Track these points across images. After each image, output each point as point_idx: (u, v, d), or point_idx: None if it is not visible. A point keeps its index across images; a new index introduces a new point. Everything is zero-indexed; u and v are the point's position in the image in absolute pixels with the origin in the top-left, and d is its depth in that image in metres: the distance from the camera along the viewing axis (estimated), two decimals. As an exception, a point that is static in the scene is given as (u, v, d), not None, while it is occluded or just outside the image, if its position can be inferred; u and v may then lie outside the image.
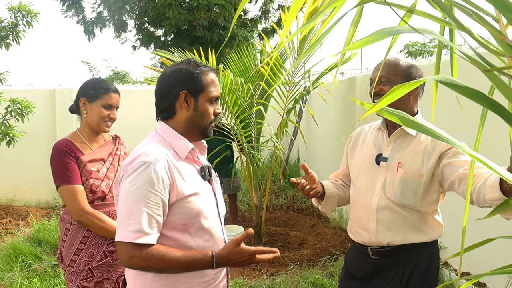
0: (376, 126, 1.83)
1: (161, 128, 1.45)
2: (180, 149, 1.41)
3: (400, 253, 1.69)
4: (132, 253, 1.27)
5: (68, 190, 1.88)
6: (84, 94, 2.02)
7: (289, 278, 3.54)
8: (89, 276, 1.92)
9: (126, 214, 1.28)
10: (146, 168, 1.29)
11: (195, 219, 1.37)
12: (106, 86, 2.03)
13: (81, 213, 1.88)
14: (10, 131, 4.79)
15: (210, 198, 1.46)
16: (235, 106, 4.15)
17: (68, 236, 1.96)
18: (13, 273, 3.65)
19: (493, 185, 1.33)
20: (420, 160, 1.65)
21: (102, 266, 1.94)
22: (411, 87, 0.84)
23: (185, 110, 1.42)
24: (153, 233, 1.29)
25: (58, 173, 1.91)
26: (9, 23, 4.74)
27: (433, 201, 1.68)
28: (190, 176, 1.40)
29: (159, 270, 1.32)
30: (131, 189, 1.29)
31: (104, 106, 2.00)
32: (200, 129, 1.45)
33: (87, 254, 1.93)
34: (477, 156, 0.74)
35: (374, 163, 1.75)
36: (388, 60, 1.71)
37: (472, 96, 0.74)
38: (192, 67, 1.42)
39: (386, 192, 1.69)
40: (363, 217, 1.76)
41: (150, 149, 1.35)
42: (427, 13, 0.83)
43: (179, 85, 1.40)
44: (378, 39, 0.81)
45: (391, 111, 0.85)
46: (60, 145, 1.95)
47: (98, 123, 2.01)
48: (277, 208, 5.97)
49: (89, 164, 1.95)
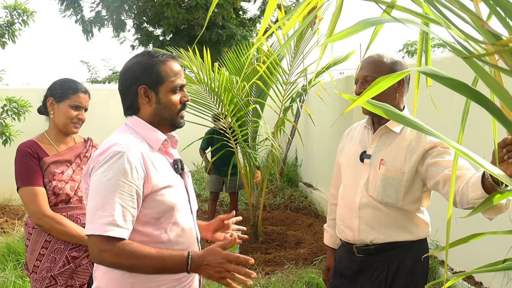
0: (363, 124, 1.81)
1: (131, 121, 1.40)
2: (152, 141, 1.36)
3: (385, 252, 1.67)
4: (103, 247, 1.19)
5: (28, 192, 1.82)
6: (52, 94, 1.95)
7: (284, 278, 3.52)
8: (53, 283, 1.84)
9: (98, 206, 1.21)
10: (119, 158, 1.23)
11: (168, 213, 1.32)
12: (74, 86, 1.95)
13: (40, 216, 1.80)
14: (7, 131, 4.77)
15: (182, 192, 1.41)
16: (231, 105, 4.13)
17: (30, 241, 1.89)
18: (6, 272, 3.63)
19: (475, 183, 1.29)
20: (403, 158, 1.62)
21: (65, 273, 1.86)
22: (395, 79, 0.82)
23: (147, 105, 1.36)
24: (126, 227, 1.22)
25: (19, 174, 1.86)
26: (4, 21, 4.72)
27: (416, 199, 1.65)
28: (163, 168, 1.35)
29: (129, 268, 1.23)
30: (103, 179, 1.22)
31: (72, 107, 1.92)
32: (167, 122, 1.39)
33: (49, 260, 1.84)
34: (461, 148, 0.72)
35: (359, 160, 1.72)
36: (372, 58, 1.66)
37: (455, 87, 0.72)
38: (147, 58, 1.35)
39: (369, 190, 1.67)
40: (347, 214, 1.74)
41: (122, 139, 1.30)
42: (408, 9, 0.81)
43: (137, 80, 1.34)
44: (360, 29, 0.79)
45: (375, 103, 0.83)
46: (24, 146, 1.89)
47: (65, 124, 1.93)
48: (274, 208, 5.96)
49: (53, 166, 1.88)
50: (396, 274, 1.65)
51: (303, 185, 6.64)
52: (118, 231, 1.20)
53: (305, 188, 6.50)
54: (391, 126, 1.65)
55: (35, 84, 6.98)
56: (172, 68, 1.37)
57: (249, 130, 4.57)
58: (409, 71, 0.78)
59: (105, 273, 1.32)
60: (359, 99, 0.82)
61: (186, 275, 1.35)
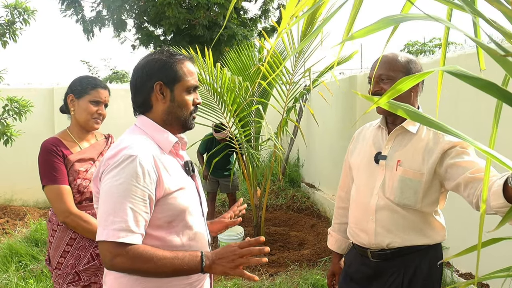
0: (376, 124, 1.77)
1: (141, 122, 1.37)
2: (163, 143, 1.34)
3: (401, 257, 1.63)
4: (116, 252, 1.16)
5: (54, 190, 1.83)
6: (72, 90, 1.97)
7: (289, 279, 3.49)
8: (76, 279, 1.86)
9: (110, 211, 1.18)
10: (131, 161, 1.20)
11: (180, 216, 1.30)
12: (94, 81, 1.97)
13: (67, 214, 1.81)
14: (8, 130, 4.73)
15: (194, 195, 1.39)
16: (234, 105, 4.10)
17: (55, 238, 1.90)
18: (8, 273, 3.60)
19: (496, 192, 1.24)
20: (421, 158, 1.57)
21: (89, 270, 1.88)
22: (418, 80, 0.79)
23: (161, 102, 1.34)
24: (140, 232, 1.20)
25: (45, 172, 1.86)
26: (5, 20, 4.69)
27: (434, 200, 1.61)
28: (175, 170, 1.33)
29: (144, 272, 1.20)
30: (115, 184, 1.19)
31: (92, 102, 1.94)
32: (179, 121, 1.37)
33: (74, 257, 1.87)
34: (492, 153, 0.69)
35: (373, 161, 1.68)
36: (386, 57, 1.62)
37: (484, 87, 0.69)
38: (166, 56, 1.34)
39: (385, 192, 1.63)
40: (362, 217, 1.70)
41: (133, 142, 1.27)
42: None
43: (153, 76, 1.32)
44: (382, 27, 0.76)
45: (396, 104, 0.80)
46: (48, 144, 1.90)
47: (86, 119, 1.95)
48: (276, 208, 5.93)
49: (77, 164, 1.89)
50: (413, 279, 1.61)
51: (305, 186, 6.62)
52: (132, 237, 1.18)
53: (307, 188, 6.47)
54: (406, 126, 1.62)
55: (36, 83, 6.94)
56: (188, 68, 1.37)
57: (252, 131, 4.55)
58: (432, 71, 0.75)
59: (116, 279, 1.29)
60: (381, 99, 0.79)
61: (198, 279, 1.34)
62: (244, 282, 3.47)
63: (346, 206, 1.90)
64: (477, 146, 0.71)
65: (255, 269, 3.82)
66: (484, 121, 2.92)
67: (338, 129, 5.40)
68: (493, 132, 0.72)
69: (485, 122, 2.94)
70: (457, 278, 3.17)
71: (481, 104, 2.96)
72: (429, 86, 1.85)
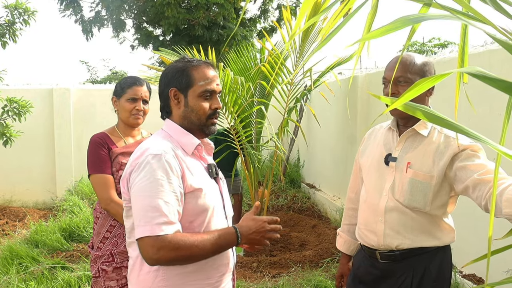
0: (387, 126, 1.77)
1: (167, 125, 1.44)
2: (186, 145, 1.40)
3: (410, 258, 1.62)
4: (159, 245, 1.20)
5: (98, 178, 1.98)
6: (114, 92, 2.13)
7: (292, 281, 3.48)
8: (110, 260, 1.99)
9: (146, 208, 1.24)
10: (158, 160, 1.27)
11: (201, 216, 1.33)
12: (130, 80, 2.11)
13: (108, 202, 1.95)
14: (7, 131, 4.71)
15: (217, 197, 1.43)
16: (235, 106, 4.08)
17: (97, 225, 2.07)
18: (9, 276, 3.58)
19: (509, 199, 1.25)
20: (431, 161, 1.57)
21: (124, 253, 1.97)
22: (435, 82, 0.78)
23: (177, 107, 1.41)
24: (177, 221, 1.26)
25: (91, 162, 2.01)
26: (5, 21, 4.66)
27: (443, 204, 1.61)
28: (197, 171, 1.38)
29: (188, 258, 1.26)
30: (146, 182, 1.25)
31: (129, 100, 2.07)
32: (195, 126, 1.41)
33: (112, 243, 2.01)
34: (506, 151, 0.67)
35: (383, 163, 1.68)
36: (403, 58, 1.61)
37: (507, 89, 0.67)
38: (182, 63, 1.41)
39: (395, 194, 1.62)
40: (371, 219, 1.69)
41: (155, 143, 1.34)
42: (446, 6, 0.77)
43: (169, 83, 1.40)
44: (400, 27, 0.75)
45: (414, 105, 0.79)
46: (96, 137, 2.06)
47: (126, 117, 2.09)
48: (277, 209, 5.91)
49: (121, 156, 2.03)
50: (422, 281, 1.60)
51: (305, 186, 6.60)
52: (172, 227, 1.23)
53: (307, 189, 6.46)
54: (418, 129, 1.61)
55: (35, 84, 6.92)
56: (203, 73, 1.40)
57: (253, 131, 4.53)
58: (453, 72, 0.74)
59: (138, 276, 1.35)
60: (398, 101, 0.77)
61: (219, 280, 1.39)
62: (247, 283, 3.45)
63: (355, 207, 1.89)
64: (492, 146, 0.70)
65: (257, 271, 3.80)
66: (494, 123, 2.91)
67: (338, 130, 5.39)
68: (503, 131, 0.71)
69: (494, 124, 2.92)
70: (461, 280, 3.16)
71: (493, 105, 2.93)
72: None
